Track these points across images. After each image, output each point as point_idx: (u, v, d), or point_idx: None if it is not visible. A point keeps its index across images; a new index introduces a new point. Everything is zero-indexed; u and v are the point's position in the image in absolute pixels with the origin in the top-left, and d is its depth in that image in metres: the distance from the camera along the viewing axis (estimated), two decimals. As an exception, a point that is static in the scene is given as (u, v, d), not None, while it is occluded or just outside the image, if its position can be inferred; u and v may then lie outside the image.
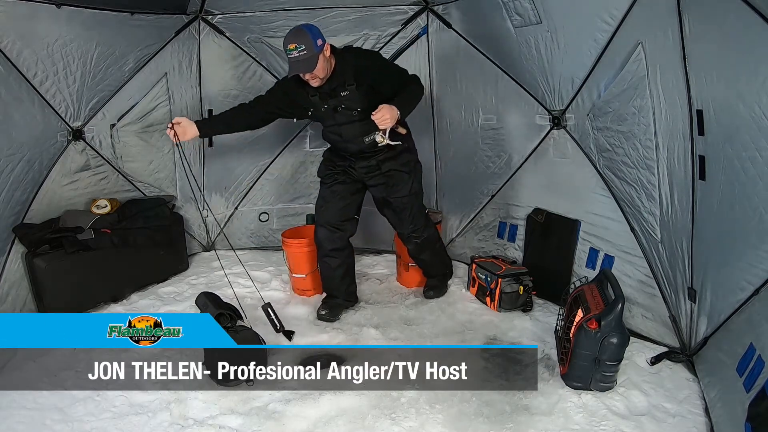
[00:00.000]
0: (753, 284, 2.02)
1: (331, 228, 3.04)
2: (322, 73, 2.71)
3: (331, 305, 3.12)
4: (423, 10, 3.64)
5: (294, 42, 2.61)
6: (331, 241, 3.05)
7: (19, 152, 2.89)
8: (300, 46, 2.60)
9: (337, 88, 2.79)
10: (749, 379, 1.88)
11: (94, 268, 3.17)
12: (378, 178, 2.98)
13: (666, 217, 2.51)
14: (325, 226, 3.04)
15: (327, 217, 3.04)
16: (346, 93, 2.79)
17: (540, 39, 2.88)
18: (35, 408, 2.27)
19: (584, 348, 2.29)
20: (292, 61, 2.64)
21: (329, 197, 3.05)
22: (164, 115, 3.69)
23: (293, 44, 2.61)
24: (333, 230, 3.04)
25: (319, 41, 2.64)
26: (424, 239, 3.18)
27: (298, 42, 2.60)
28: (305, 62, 2.63)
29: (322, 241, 3.06)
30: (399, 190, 2.99)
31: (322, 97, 2.82)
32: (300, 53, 2.61)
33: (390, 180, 2.97)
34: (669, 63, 2.26)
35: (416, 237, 3.14)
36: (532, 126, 3.22)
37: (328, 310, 3.09)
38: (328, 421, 2.21)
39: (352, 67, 2.78)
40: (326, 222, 3.04)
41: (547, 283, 3.17)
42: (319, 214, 3.09)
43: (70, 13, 2.94)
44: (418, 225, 3.12)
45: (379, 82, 2.79)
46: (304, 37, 2.61)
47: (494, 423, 2.18)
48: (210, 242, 4.16)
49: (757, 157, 1.90)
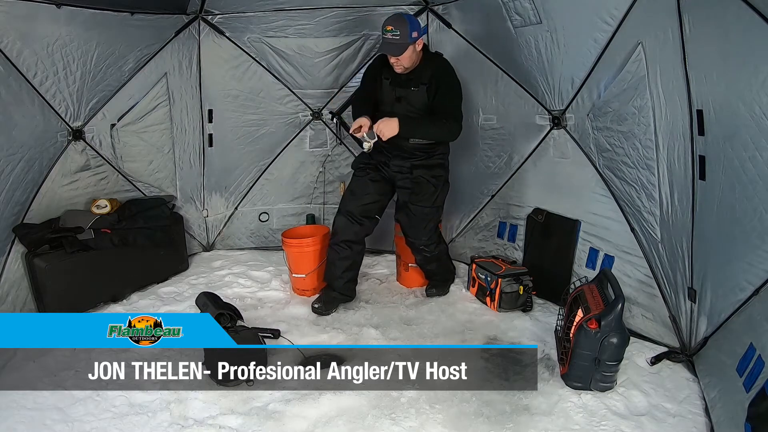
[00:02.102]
0: (753, 284, 2.02)
1: (351, 219, 3.06)
2: (407, 62, 2.83)
3: (326, 299, 3.13)
4: (423, 10, 3.64)
5: (392, 25, 2.75)
6: (346, 231, 3.07)
7: (19, 152, 2.89)
8: (395, 31, 2.74)
9: (410, 81, 2.90)
10: (749, 379, 1.88)
11: (94, 268, 3.17)
12: (407, 181, 3.01)
13: (666, 217, 2.51)
14: (345, 215, 3.07)
15: (350, 208, 3.07)
16: (416, 90, 2.89)
17: (540, 39, 2.89)
18: (35, 408, 2.27)
19: (584, 348, 2.29)
20: (384, 41, 2.79)
21: (357, 190, 3.09)
22: (164, 115, 3.69)
23: (390, 26, 2.75)
24: (352, 222, 3.06)
25: (415, 33, 2.77)
26: (434, 255, 3.20)
27: (395, 26, 2.74)
28: (395, 46, 2.76)
29: (338, 229, 3.08)
30: (422, 200, 3.02)
31: (393, 83, 2.92)
32: (393, 36, 2.74)
33: (417, 187, 3.01)
34: (669, 63, 2.27)
35: (427, 251, 3.16)
36: (532, 126, 3.22)
37: (322, 303, 3.11)
38: (328, 421, 2.21)
39: (433, 69, 2.89)
40: (348, 212, 3.07)
41: (547, 283, 3.17)
42: (343, 203, 3.12)
43: (70, 13, 2.94)
44: (432, 240, 3.14)
45: (435, 92, 2.87)
46: (403, 24, 2.74)
47: (494, 423, 2.18)
48: (210, 242, 4.16)
49: (757, 157, 1.90)
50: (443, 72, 2.92)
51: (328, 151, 3.07)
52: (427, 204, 3.02)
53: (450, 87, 2.91)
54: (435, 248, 3.18)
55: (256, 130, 3.99)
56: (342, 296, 3.18)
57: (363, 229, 3.09)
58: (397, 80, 2.92)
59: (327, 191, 4.16)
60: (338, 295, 3.16)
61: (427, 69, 2.89)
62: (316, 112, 4.00)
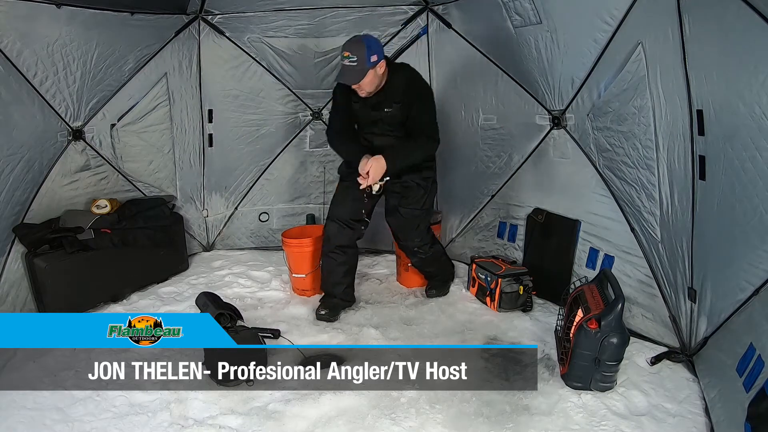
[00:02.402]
0: (753, 284, 2.02)
1: (342, 224, 3.04)
2: (369, 87, 2.75)
3: (329, 305, 3.11)
4: (423, 10, 3.64)
5: (348, 51, 2.65)
6: (339, 236, 3.05)
7: (19, 152, 2.89)
8: (352, 57, 2.64)
9: (382, 102, 2.83)
10: (749, 379, 1.88)
11: (94, 268, 3.17)
12: (396, 185, 2.99)
13: (666, 217, 2.51)
14: (335, 221, 3.05)
15: (339, 213, 3.05)
16: (390, 110, 2.83)
17: (540, 39, 2.88)
18: (35, 408, 2.27)
19: (584, 348, 2.29)
20: (342, 68, 2.71)
21: (344, 195, 3.06)
22: (164, 115, 3.69)
23: (347, 52, 2.66)
24: (343, 226, 3.04)
25: (374, 57, 2.67)
26: (429, 256, 3.19)
27: (352, 52, 2.64)
28: (353, 73, 2.67)
29: (331, 235, 3.06)
30: (412, 202, 3.01)
31: (365, 106, 2.87)
32: (351, 63, 2.65)
33: (405, 191, 3.00)
34: (669, 63, 2.27)
35: (421, 252, 3.15)
36: (532, 126, 3.22)
37: (327, 310, 3.08)
38: (328, 421, 2.21)
39: (404, 85, 2.81)
40: (337, 217, 3.05)
41: (547, 283, 3.17)
42: (332, 210, 3.10)
43: (70, 13, 2.94)
44: (425, 241, 3.14)
45: (410, 108, 2.82)
46: (360, 48, 2.64)
47: (494, 423, 2.18)
48: (210, 242, 4.16)
49: (757, 157, 1.90)
50: (414, 86, 2.85)
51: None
52: (417, 206, 3.02)
53: (423, 101, 2.86)
54: (429, 249, 3.17)
55: (256, 130, 3.99)
56: (343, 302, 3.16)
57: (355, 232, 3.07)
58: (368, 103, 2.85)
59: (327, 191, 4.17)
60: (339, 301, 3.14)
61: (397, 86, 2.81)
62: (316, 112, 4.00)
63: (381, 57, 2.72)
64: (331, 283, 3.14)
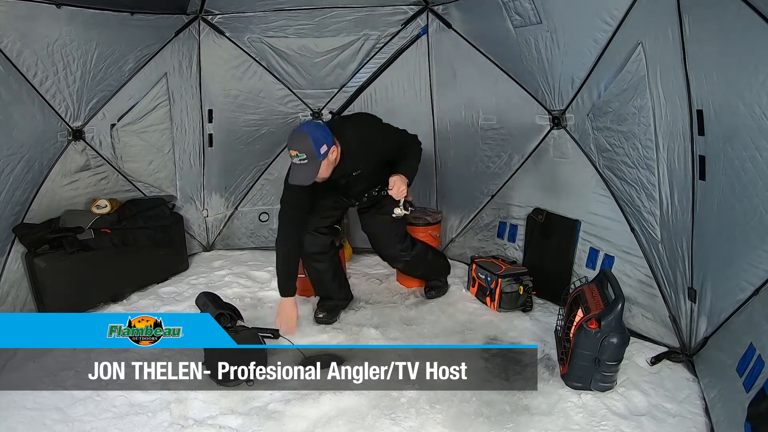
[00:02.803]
0: (753, 284, 2.02)
1: (312, 233, 2.99)
2: (326, 173, 2.58)
3: (328, 307, 3.10)
4: (423, 10, 3.64)
5: (295, 150, 2.46)
6: (313, 245, 3.00)
7: (19, 152, 2.89)
8: (301, 155, 2.45)
9: (346, 174, 2.72)
10: (749, 379, 1.88)
11: (94, 268, 3.17)
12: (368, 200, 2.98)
13: (666, 217, 2.51)
14: (309, 232, 2.98)
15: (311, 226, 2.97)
16: (358, 172, 2.74)
17: (540, 39, 2.89)
18: (35, 408, 2.27)
19: (584, 348, 2.29)
20: (293, 168, 2.53)
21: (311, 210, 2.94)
22: (164, 115, 3.69)
23: (294, 151, 2.46)
24: (314, 234, 2.99)
25: (323, 148, 2.48)
26: (413, 256, 3.15)
27: (299, 149, 2.45)
28: (306, 172, 2.49)
29: (305, 246, 2.99)
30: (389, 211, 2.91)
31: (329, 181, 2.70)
32: (301, 162, 2.47)
33: (378, 201, 2.98)
34: (669, 63, 2.27)
35: (405, 255, 3.12)
36: (532, 126, 3.22)
37: (326, 312, 3.08)
38: (328, 421, 2.21)
39: (357, 150, 2.66)
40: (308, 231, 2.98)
41: (547, 283, 3.17)
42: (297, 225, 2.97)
43: (70, 13, 2.94)
44: (405, 244, 3.11)
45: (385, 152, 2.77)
46: (306, 143, 2.45)
47: (494, 423, 2.18)
48: (210, 242, 4.16)
49: (757, 157, 1.90)
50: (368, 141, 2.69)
51: None
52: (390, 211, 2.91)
53: (385, 139, 2.77)
54: (411, 251, 3.13)
55: (256, 130, 3.99)
56: (341, 301, 3.16)
57: (327, 237, 3.03)
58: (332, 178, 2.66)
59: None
60: (337, 302, 3.14)
61: (353, 154, 2.65)
62: (316, 112, 4.00)
63: (330, 143, 2.52)
64: (323, 289, 3.13)
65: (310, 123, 2.74)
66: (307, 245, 3.01)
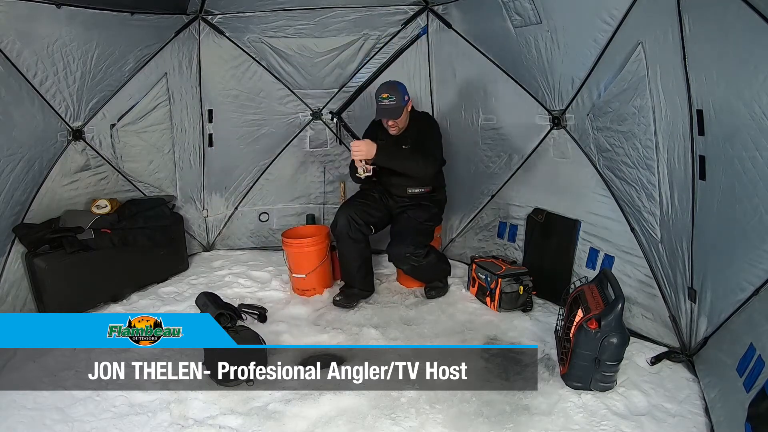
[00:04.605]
0: (753, 284, 2.02)
1: (350, 219, 3.19)
2: (402, 123, 3.15)
3: (347, 294, 3.25)
4: (423, 10, 3.64)
5: (387, 93, 3.06)
6: (348, 228, 3.19)
7: (19, 152, 2.89)
8: (391, 97, 3.05)
9: (401, 140, 3.19)
10: (749, 379, 1.88)
11: (94, 268, 3.17)
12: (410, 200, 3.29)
13: (666, 217, 2.51)
14: (345, 215, 3.20)
15: (350, 210, 3.22)
16: (407, 147, 3.17)
17: (540, 39, 2.89)
18: (35, 408, 2.27)
19: (584, 348, 2.29)
20: (381, 108, 3.07)
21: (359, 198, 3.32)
22: (164, 115, 3.69)
23: (386, 94, 3.05)
24: (350, 221, 3.19)
25: (406, 97, 3.10)
26: (423, 265, 3.19)
27: (390, 93, 3.05)
28: (392, 110, 3.06)
29: (341, 227, 3.20)
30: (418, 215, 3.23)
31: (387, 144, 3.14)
32: (390, 102, 3.05)
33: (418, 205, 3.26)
34: (669, 63, 2.26)
35: (413, 260, 3.14)
36: (532, 126, 3.22)
37: (343, 296, 3.24)
38: (328, 421, 2.21)
39: (418, 126, 3.20)
40: (347, 213, 3.20)
41: (547, 283, 3.17)
42: (345, 205, 3.30)
43: (70, 13, 2.94)
44: (419, 250, 3.13)
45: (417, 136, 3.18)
46: (396, 91, 3.06)
47: (494, 423, 2.18)
48: (210, 242, 4.16)
49: (757, 157, 1.90)
50: (425, 126, 3.23)
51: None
52: (422, 218, 3.22)
53: (428, 134, 3.19)
54: (422, 259, 3.16)
55: (256, 130, 3.99)
56: (362, 292, 3.29)
57: (361, 228, 3.21)
58: (391, 141, 3.18)
59: (327, 191, 4.17)
60: (358, 291, 3.27)
61: (414, 128, 3.19)
62: (316, 112, 4.00)
63: (409, 98, 3.15)
64: (347, 277, 3.30)
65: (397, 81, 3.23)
66: (342, 227, 3.21)
